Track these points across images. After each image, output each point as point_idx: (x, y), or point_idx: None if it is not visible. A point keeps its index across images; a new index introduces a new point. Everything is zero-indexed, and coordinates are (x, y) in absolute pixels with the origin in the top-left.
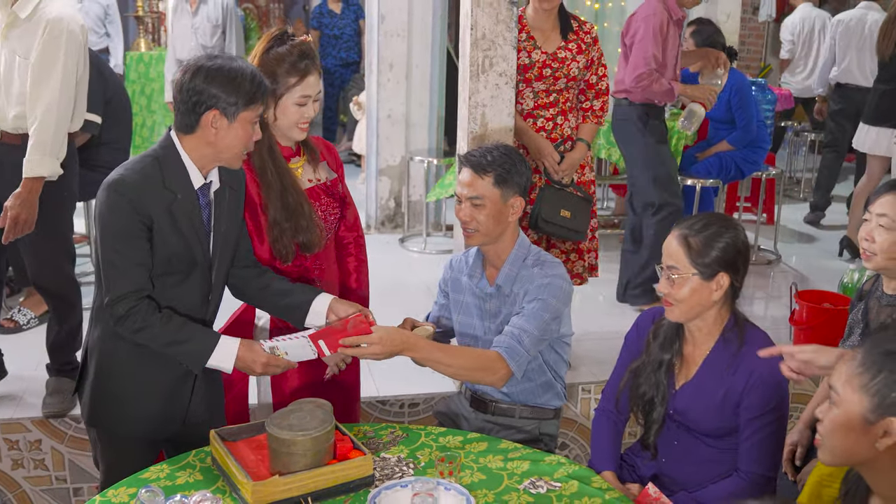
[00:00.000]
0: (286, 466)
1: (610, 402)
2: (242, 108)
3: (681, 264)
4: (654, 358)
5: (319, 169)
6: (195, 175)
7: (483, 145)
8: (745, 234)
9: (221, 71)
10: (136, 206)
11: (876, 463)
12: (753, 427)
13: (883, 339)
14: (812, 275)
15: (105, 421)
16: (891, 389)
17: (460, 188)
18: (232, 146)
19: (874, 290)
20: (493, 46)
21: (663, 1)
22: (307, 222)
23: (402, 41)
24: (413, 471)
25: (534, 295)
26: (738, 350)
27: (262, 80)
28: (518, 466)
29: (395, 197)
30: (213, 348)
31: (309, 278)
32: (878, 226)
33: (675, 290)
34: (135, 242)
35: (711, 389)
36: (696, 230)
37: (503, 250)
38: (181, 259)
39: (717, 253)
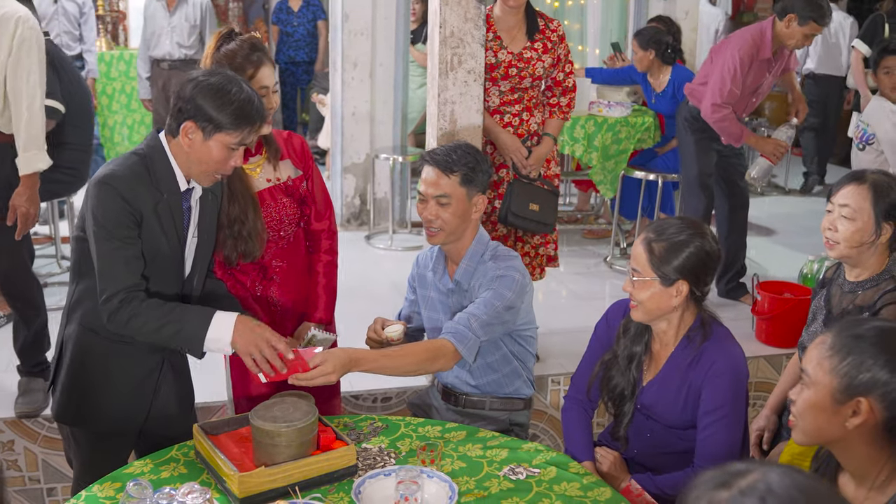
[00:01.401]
0: (271, 458)
1: (580, 391)
2: (219, 130)
3: (643, 268)
4: (625, 351)
5: (281, 167)
6: (181, 178)
7: (445, 145)
8: (712, 243)
9: (212, 88)
10: (128, 201)
11: (846, 441)
12: (707, 421)
13: (851, 324)
14: (772, 266)
15: (74, 416)
16: (858, 371)
17: (425, 187)
18: (202, 162)
19: (836, 277)
20: (462, 44)
21: (761, 35)
22: (248, 231)
23: (366, 40)
24: (395, 460)
25: (486, 286)
26: (699, 346)
27: (251, 111)
28: (497, 454)
29: (361, 194)
30: (209, 324)
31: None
32: (840, 216)
33: (636, 291)
34: (128, 236)
35: (675, 385)
36: (663, 237)
37: (463, 247)
38: (165, 260)
39: (679, 262)
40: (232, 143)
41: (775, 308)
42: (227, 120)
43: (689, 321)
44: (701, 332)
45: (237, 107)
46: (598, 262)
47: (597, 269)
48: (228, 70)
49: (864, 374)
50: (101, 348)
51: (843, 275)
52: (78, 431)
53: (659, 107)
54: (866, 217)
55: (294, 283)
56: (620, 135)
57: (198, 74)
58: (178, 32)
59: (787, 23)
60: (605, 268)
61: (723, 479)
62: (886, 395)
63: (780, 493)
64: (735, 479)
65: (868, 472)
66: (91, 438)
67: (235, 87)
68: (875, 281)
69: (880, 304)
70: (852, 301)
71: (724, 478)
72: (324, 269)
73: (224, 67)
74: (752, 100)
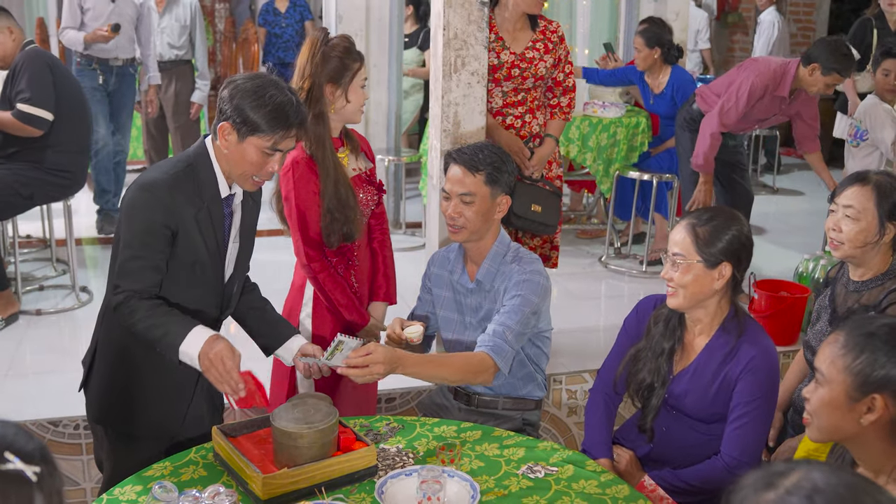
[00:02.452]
0: (292, 459)
1: (607, 385)
2: (253, 132)
3: (687, 251)
4: (656, 344)
5: (360, 159)
6: (223, 184)
7: (471, 145)
8: (749, 229)
9: (250, 91)
10: (166, 209)
11: (861, 437)
12: (739, 412)
13: (862, 322)
14: (764, 265)
15: (114, 417)
16: (872, 369)
17: (450, 185)
18: (239, 165)
19: (840, 276)
20: (465, 46)
21: (784, 72)
22: (353, 214)
23: (360, 41)
24: (413, 460)
25: (514, 291)
26: (738, 339)
27: (287, 115)
28: (514, 453)
29: None
30: (185, 336)
31: (349, 260)
32: (844, 216)
33: (679, 276)
34: (156, 244)
35: (709, 376)
36: (704, 221)
37: (485, 247)
38: (204, 267)
39: (723, 244)
40: (265, 146)
41: (773, 306)
42: (262, 122)
43: (725, 311)
44: (737, 324)
45: (272, 109)
46: (592, 262)
47: (592, 269)
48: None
49: (878, 371)
50: (142, 349)
51: (848, 274)
52: (113, 433)
53: (657, 108)
54: (870, 217)
55: (364, 268)
56: (617, 136)
57: (238, 77)
58: (168, 33)
59: (811, 71)
60: (600, 268)
61: (767, 480)
62: None
63: (826, 490)
64: (779, 479)
65: (883, 466)
66: (127, 440)
67: (274, 90)
68: (880, 280)
69: (886, 303)
70: (857, 300)
71: (768, 479)
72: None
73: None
74: (754, 126)
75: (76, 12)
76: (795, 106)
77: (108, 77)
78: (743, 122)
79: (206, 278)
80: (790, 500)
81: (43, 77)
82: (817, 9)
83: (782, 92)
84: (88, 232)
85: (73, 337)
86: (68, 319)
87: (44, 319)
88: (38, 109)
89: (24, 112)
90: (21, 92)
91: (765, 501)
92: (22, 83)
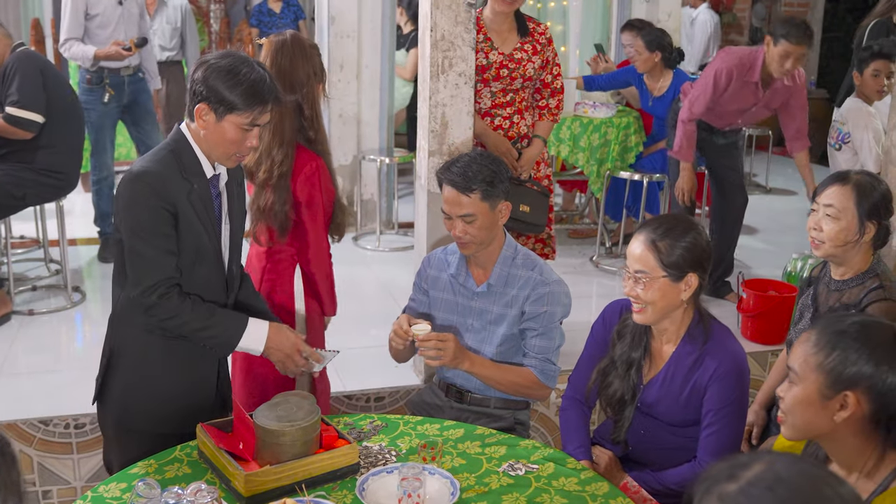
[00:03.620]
0: (275, 457)
1: (578, 392)
2: (231, 111)
3: (650, 268)
4: (623, 357)
5: None
6: (206, 164)
7: (457, 160)
8: (706, 234)
9: (223, 69)
10: (161, 195)
11: (834, 435)
12: (712, 419)
13: (833, 320)
14: (755, 264)
15: (143, 422)
16: (844, 366)
17: (448, 207)
18: (219, 144)
19: (822, 276)
20: (453, 47)
21: (753, 57)
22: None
23: (352, 42)
24: (396, 458)
25: (538, 306)
26: (703, 345)
27: (262, 91)
28: (496, 451)
29: (348, 196)
30: (243, 331)
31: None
32: (825, 215)
33: (644, 293)
34: (162, 231)
35: (678, 384)
36: (661, 233)
37: (493, 252)
38: (206, 248)
39: (686, 255)
40: (244, 123)
41: (761, 306)
42: (239, 100)
43: (690, 317)
44: (702, 329)
45: (247, 86)
46: (584, 262)
47: (583, 269)
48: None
49: (849, 368)
50: (161, 349)
51: (830, 273)
52: (128, 437)
53: (656, 109)
54: (850, 217)
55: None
56: (608, 136)
57: (209, 57)
58: (159, 35)
59: (767, 46)
60: (591, 267)
61: (729, 472)
62: (872, 388)
63: (787, 481)
64: (741, 470)
65: (855, 461)
66: (145, 441)
67: (246, 68)
68: (860, 279)
69: (866, 302)
70: (838, 299)
71: (730, 471)
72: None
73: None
74: (736, 119)
75: (80, 20)
76: (778, 98)
77: (120, 90)
78: (718, 112)
79: (209, 261)
80: (752, 491)
81: (33, 79)
82: (812, 9)
83: (753, 77)
84: (82, 233)
85: (66, 337)
86: (61, 320)
87: (36, 320)
88: (27, 112)
89: (12, 115)
90: (10, 95)
91: (727, 493)
92: (12, 86)
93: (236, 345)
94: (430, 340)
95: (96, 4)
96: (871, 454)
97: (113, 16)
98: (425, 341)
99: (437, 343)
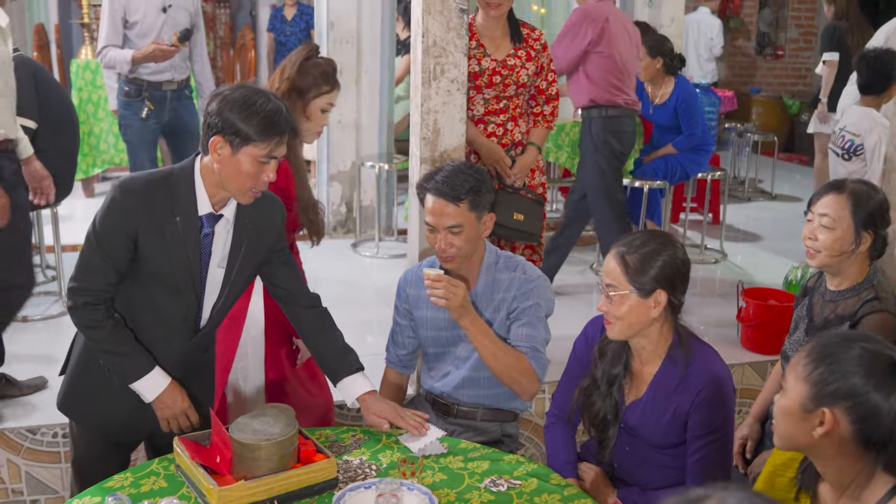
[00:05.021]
0: (250, 471)
1: (562, 409)
2: (247, 143)
3: (618, 282)
4: (605, 374)
5: None
6: (203, 201)
7: (439, 169)
8: (683, 252)
9: (238, 101)
10: (128, 214)
11: (817, 450)
12: (698, 444)
13: (834, 336)
14: (757, 273)
15: (75, 412)
16: (827, 382)
17: (434, 218)
18: (234, 177)
19: (818, 286)
20: (445, 53)
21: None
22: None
23: (351, 47)
24: (376, 472)
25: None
26: (685, 368)
27: (279, 122)
28: (478, 466)
29: (347, 202)
30: (143, 376)
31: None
32: (820, 225)
33: (613, 307)
34: (115, 246)
35: (661, 407)
36: (634, 248)
37: (475, 262)
38: (165, 280)
39: (655, 271)
40: (261, 155)
41: (760, 315)
42: (254, 131)
43: (668, 336)
44: (682, 351)
45: (263, 117)
46: (583, 269)
47: (582, 276)
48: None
49: (830, 385)
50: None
51: (825, 283)
52: (76, 426)
53: (656, 117)
54: (846, 226)
55: None
56: None
57: (223, 89)
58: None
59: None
60: (591, 274)
61: None
62: (854, 409)
63: None
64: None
65: (843, 480)
66: (88, 439)
67: (262, 99)
68: (856, 290)
69: (861, 314)
70: (834, 310)
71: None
72: None
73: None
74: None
75: (118, 27)
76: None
77: (161, 106)
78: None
79: (175, 296)
80: None
81: (25, 85)
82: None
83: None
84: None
85: (58, 344)
86: (55, 326)
87: (30, 326)
88: (20, 119)
89: None
90: None
91: None
92: None
93: (132, 383)
94: (441, 281)
95: (135, 11)
96: (859, 475)
97: (155, 23)
98: (437, 281)
99: (448, 286)
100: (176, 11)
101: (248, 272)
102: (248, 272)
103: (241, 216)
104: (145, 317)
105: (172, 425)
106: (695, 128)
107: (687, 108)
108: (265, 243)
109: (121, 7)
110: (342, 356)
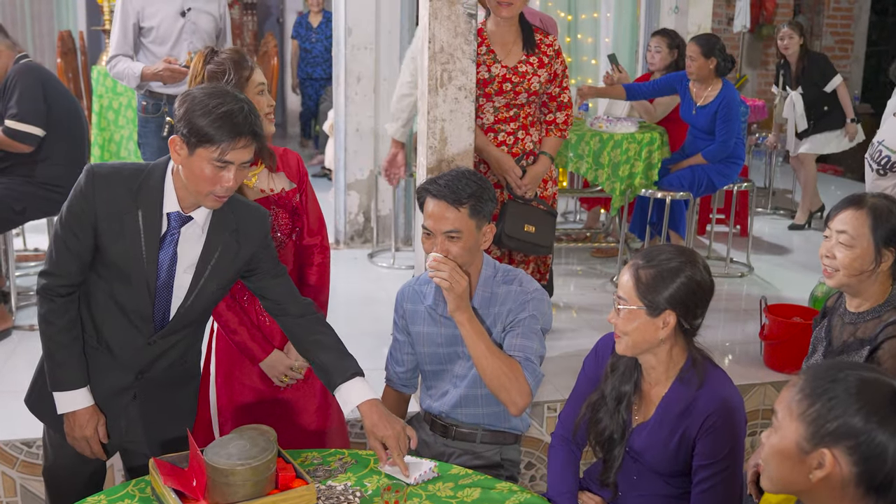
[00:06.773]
0: (224, 497)
1: (568, 431)
2: (201, 143)
3: (629, 296)
4: (614, 391)
5: (275, 179)
6: (170, 199)
7: (442, 175)
8: (704, 274)
9: (197, 100)
10: (90, 198)
11: (812, 495)
12: (704, 474)
13: (829, 367)
14: (784, 287)
15: (40, 409)
16: (825, 419)
17: (432, 222)
18: (193, 181)
19: (837, 307)
20: (452, 60)
21: None
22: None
23: (369, 54)
24: (359, 499)
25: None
26: (695, 392)
27: (235, 124)
28: (468, 494)
29: (364, 212)
30: (67, 389)
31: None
32: (837, 242)
33: (621, 322)
34: (78, 230)
35: (668, 432)
36: (651, 264)
37: (472, 275)
38: (121, 270)
39: (669, 291)
40: (213, 156)
41: (783, 333)
42: (208, 130)
43: (680, 359)
44: (695, 375)
45: (218, 116)
46: (605, 282)
47: (603, 289)
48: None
49: (831, 423)
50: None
51: (844, 304)
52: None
53: (698, 120)
54: (865, 244)
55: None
56: (629, 152)
57: (194, 89)
58: None
59: None
60: (612, 287)
61: None
62: (856, 448)
63: None
64: None
65: None
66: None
67: (218, 100)
68: (877, 312)
69: (882, 337)
70: (853, 333)
71: None
72: (316, 281)
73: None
74: None
75: (130, 34)
76: None
77: None
78: None
79: (133, 288)
80: None
81: (33, 92)
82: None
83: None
84: None
85: None
86: None
87: (36, 335)
88: (26, 126)
89: (11, 129)
90: (10, 108)
91: None
92: (12, 99)
93: (56, 391)
94: (448, 265)
95: (151, 15)
96: None
97: (172, 29)
98: (442, 262)
99: (453, 272)
100: (197, 15)
101: (222, 280)
102: (223, 280)
103: (218, 223)
104: (105, 305)
105: (75, 446)
106: (729, 135)
107: (727, 114)
108: (244, 253)
109: (134, 12)
110: (338, 361)
